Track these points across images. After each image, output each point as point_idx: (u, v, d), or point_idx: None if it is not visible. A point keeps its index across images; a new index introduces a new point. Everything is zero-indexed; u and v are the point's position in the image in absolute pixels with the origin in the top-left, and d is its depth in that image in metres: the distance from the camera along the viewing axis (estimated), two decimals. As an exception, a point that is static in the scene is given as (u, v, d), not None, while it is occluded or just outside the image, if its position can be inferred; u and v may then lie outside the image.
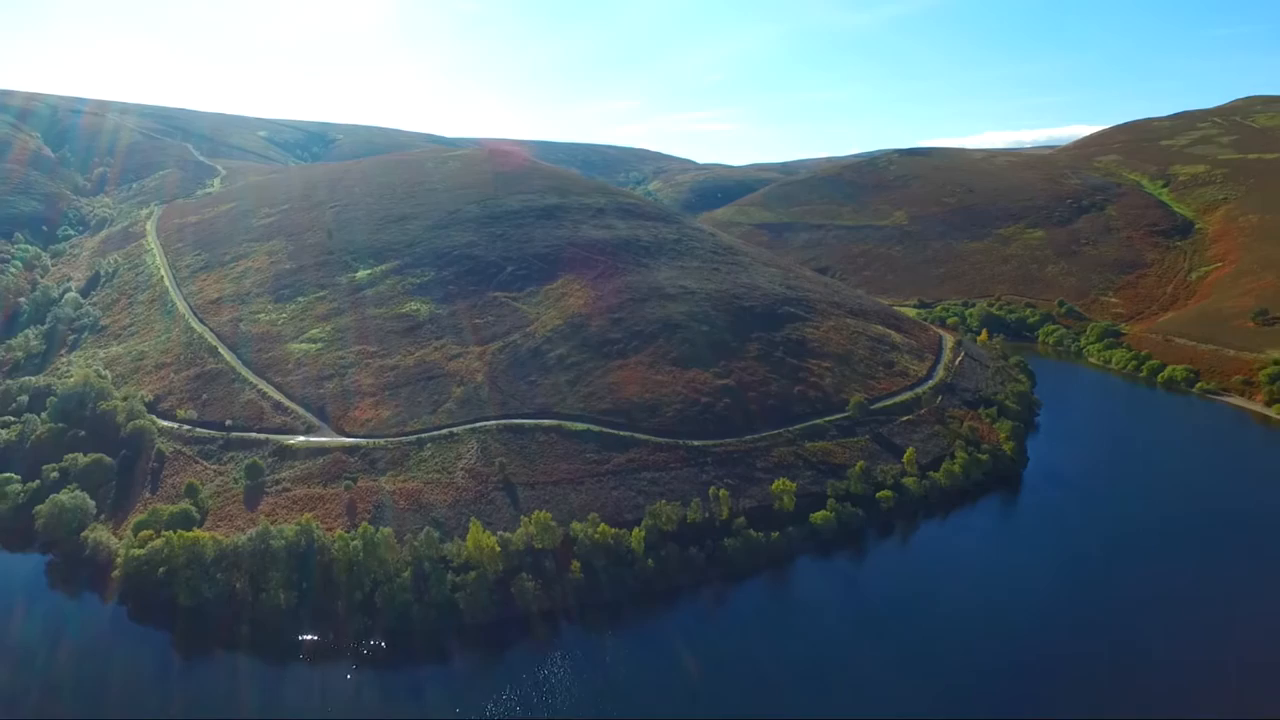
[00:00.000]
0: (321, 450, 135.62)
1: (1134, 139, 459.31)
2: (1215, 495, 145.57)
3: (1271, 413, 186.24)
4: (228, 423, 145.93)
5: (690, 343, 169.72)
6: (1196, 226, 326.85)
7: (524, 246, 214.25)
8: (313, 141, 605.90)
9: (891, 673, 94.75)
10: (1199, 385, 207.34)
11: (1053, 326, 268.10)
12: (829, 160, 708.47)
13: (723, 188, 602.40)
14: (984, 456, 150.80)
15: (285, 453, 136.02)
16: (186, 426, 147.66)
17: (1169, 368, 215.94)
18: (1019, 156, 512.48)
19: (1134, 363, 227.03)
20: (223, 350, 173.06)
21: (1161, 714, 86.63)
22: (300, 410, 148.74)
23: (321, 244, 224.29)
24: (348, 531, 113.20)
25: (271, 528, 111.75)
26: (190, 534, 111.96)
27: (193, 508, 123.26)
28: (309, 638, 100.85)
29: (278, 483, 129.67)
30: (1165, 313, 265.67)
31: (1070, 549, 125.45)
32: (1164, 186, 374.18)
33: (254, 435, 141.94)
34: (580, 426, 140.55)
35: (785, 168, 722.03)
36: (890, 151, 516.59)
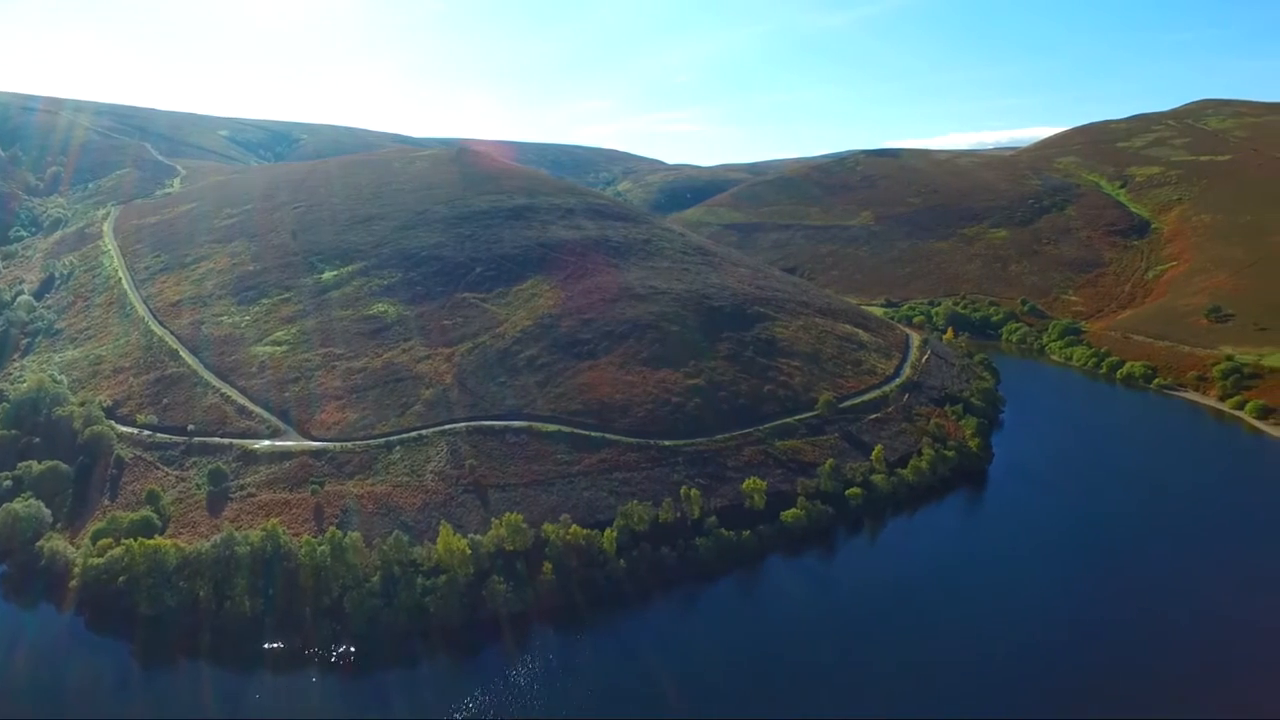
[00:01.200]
0: (287, 454, 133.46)
1: (1092, 141, 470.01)
2: (1173, 487, 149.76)
3: (1225, 407, 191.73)
4: (190, 428, 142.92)
5: (661, 343, 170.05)
6: (1153, 226, 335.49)
7: (493, 247, 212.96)
8: (276, 141, 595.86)
9: (862, 668, 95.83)
10: (1156, 381, 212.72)
11: (1016, 324, 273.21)
12: (797, 161, 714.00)
13: (692, 188, 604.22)
14: (950, 453, 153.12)
15: (250, 457, 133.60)
16: (147, 432, 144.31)
17: (1128, 364, 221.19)
18: (982, 157, 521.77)
19: (1094, 359, 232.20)
20: (184, 353, 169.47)
21: (1137, 704, 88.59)
22: (265, 414, 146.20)
23: (286, 245, 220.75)
24: (315, 537, 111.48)
25: (236, 534, 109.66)
26: (151, 542, 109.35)
27: (154, 515, 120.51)
28: (275, 645, 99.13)
29: (242, 488, 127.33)
30: (1124, 311, 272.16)
31: (1034, 541, 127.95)
32: (1121, 187, 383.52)
33: (217, 440, 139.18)
34: (551, 427, 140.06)
35: (754, 168, 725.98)
36: (857, 152, 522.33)
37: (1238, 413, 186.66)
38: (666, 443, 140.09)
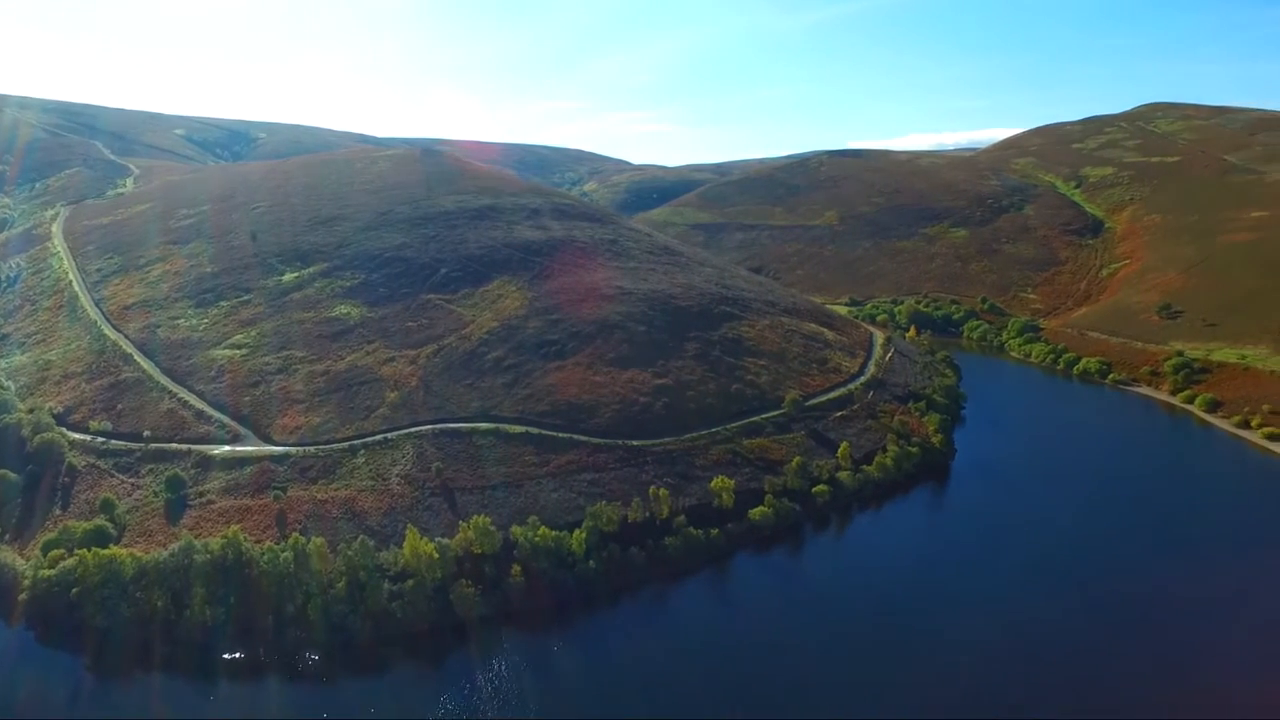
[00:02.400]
0: (248, 460, 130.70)
1: (1048, 142, 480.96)
2: (1128, 478, 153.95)
3: (1176, 401, 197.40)
4: (145, 434, 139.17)
5: (628, 343, 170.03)
6: (1106, 226, 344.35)
7: (458, 248, 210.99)
8: (234, 140, 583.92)
9: (829, 663, 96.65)
10: (1111, 376, 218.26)
11: (976, 322, 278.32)
12: (762, 161, 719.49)
13: (658, 188, 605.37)
14: (914, 449, 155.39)
15: (209, 463, 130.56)
16: (100, 439, 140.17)
17: (1083, 360, 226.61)
18: (942, 158, 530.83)
19: (1052, 356, 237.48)
20: (138, 358, 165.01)
21: (1096, 685, 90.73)
22: (225, 419, 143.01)
23: (245, 246, 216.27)
24: (277, 543, 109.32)
25: (195, 542, 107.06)
26: (106, 551, 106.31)
27: (108, 524, 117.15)
28: (235, 655, 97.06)
29: (201, 495, 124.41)
30: (1079, 308, 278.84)
31: (994, 535, 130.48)
32: (1076, 188, 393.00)
33: (175, 446, 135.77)
34: (518, 429, 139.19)
35: (719, 168, 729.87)
36: (821, 153, 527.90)
37: (1188, 406, 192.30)
38: (635, 443, 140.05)
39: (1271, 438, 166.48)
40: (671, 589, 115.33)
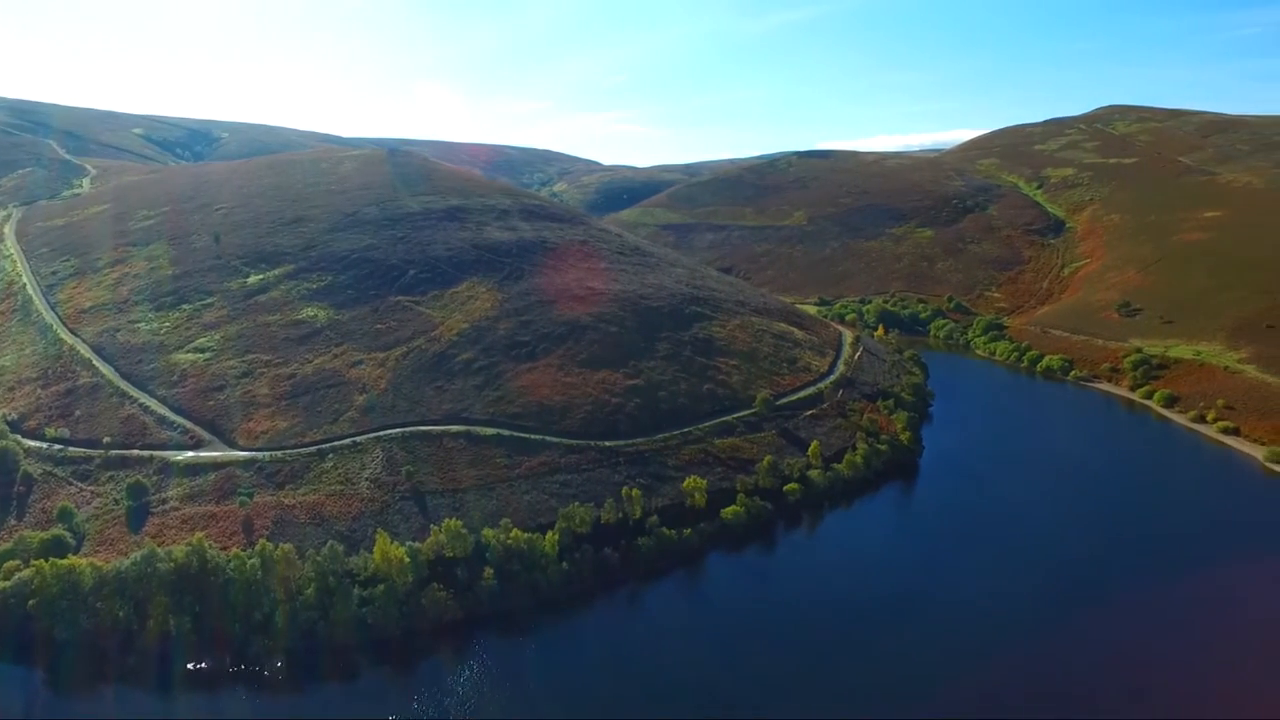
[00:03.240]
0: (213, 465, 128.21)
1: (1010, 143, 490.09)
2: (1089, 473, 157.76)
3: (1135, 396, 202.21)
4: (105, 440, 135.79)
5: (599, 344, 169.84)
6: (1067, 225, 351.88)
7: (426, 249, 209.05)
8: (195, 140, 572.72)
9: (801, 661, 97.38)
10: (1073, 373, 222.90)
11: (943, 321, 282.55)
12: (731, 162, 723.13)
13: (628, 189, 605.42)
14: (883, 447, 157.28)
15: (172, 470, 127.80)
16: (58, 446, 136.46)
17: (1046, 357, 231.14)
18: (908, 159, 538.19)
19: (1016, 353, 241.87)
20: (97, 363, 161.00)
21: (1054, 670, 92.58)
22: (188, 424, 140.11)
23: (208, 248, 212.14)
24: (244, 550, 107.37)
25: (158, 550, 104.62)
26: (65, 562, 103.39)
27: (67, 533, 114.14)
28: (201, 665, 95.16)
29: (164, 502, 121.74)
30: (1042, 306, 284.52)
31: (963, 529, 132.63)
32: (1038, 188, 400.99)
33: (136, 453, 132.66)
34: (490, 431, 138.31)
35: (689, 169, 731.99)
36: (789, 154, 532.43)
37: (1146, 402, 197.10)
38: (607, 444, 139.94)
39: (1226, 431, 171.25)
40: (645, 589, 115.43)
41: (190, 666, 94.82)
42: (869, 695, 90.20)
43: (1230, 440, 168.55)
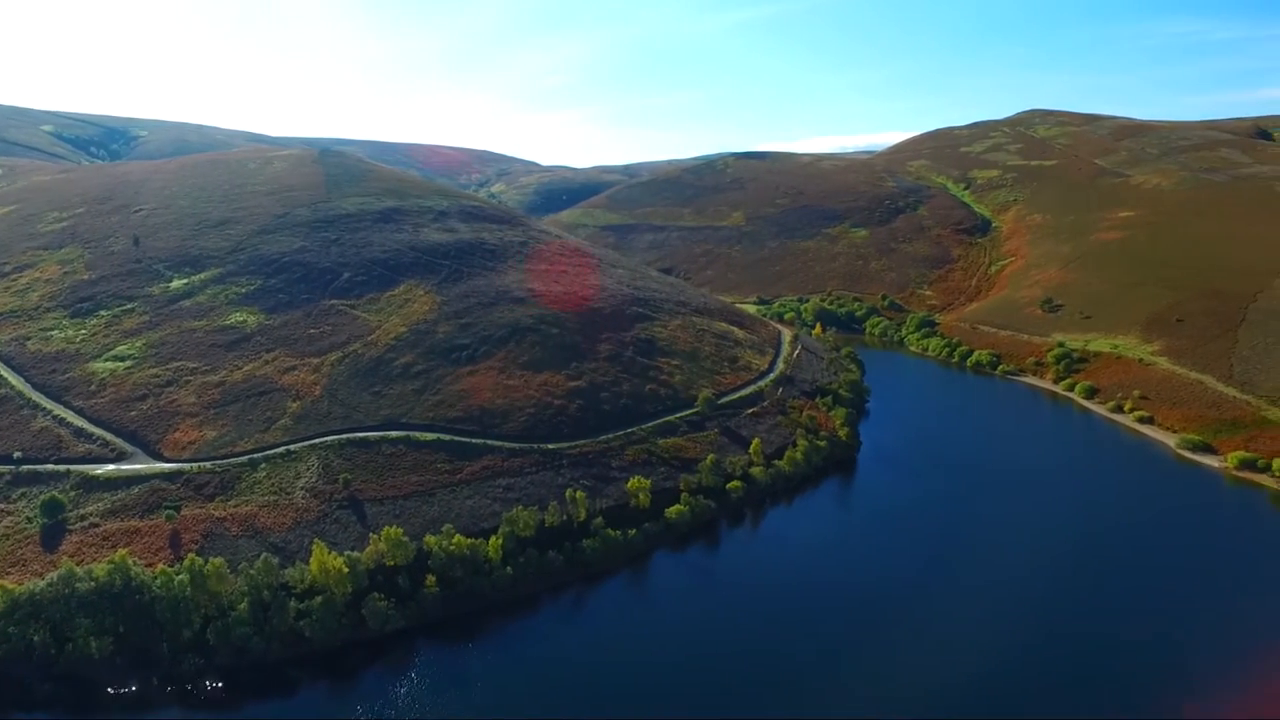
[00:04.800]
0: (136, 478, 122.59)
1: (939, 146, 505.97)
2: (1019, 463, 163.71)
3: (1058, 389, 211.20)
4: (16, 455, 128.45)
5: (541, 346, 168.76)
6: (993, 225, 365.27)
7: (361, 251, 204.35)
8: (112, 138, 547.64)
9: (745, 656, 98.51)
10: (1001, 368, 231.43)
11: (878, 319, 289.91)
12: (669, 163, 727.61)
13: (568, 189, 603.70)
14: (823, 443, 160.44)
15: (92, 484, 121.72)
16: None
17: (976, 353, 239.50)
18: (843, 161, 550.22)
19: (947, 349, 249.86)
20: (5, 372, 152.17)
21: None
22: (108, 436, 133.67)
23: (127, 251, 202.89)
24: (171, 566, 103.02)
25: (77, 569, 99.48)
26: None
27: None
28: (127, 689, 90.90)
29: (83, 518, 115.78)
30: (971, 303, 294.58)
31: (899, 520, 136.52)
32: (966, 189, 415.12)
33: (51, 467, 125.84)
34: (430, 436, 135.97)
35: (628, 170, 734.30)
36: (726, 155, 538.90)
37: (1069, 394, 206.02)
38: (550, 446, 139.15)
39: (1142, 420, 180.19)
40: (591, 591, 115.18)
41: (116, 690, 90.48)
42: (816, 684, 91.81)
43: (1146, 429, 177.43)
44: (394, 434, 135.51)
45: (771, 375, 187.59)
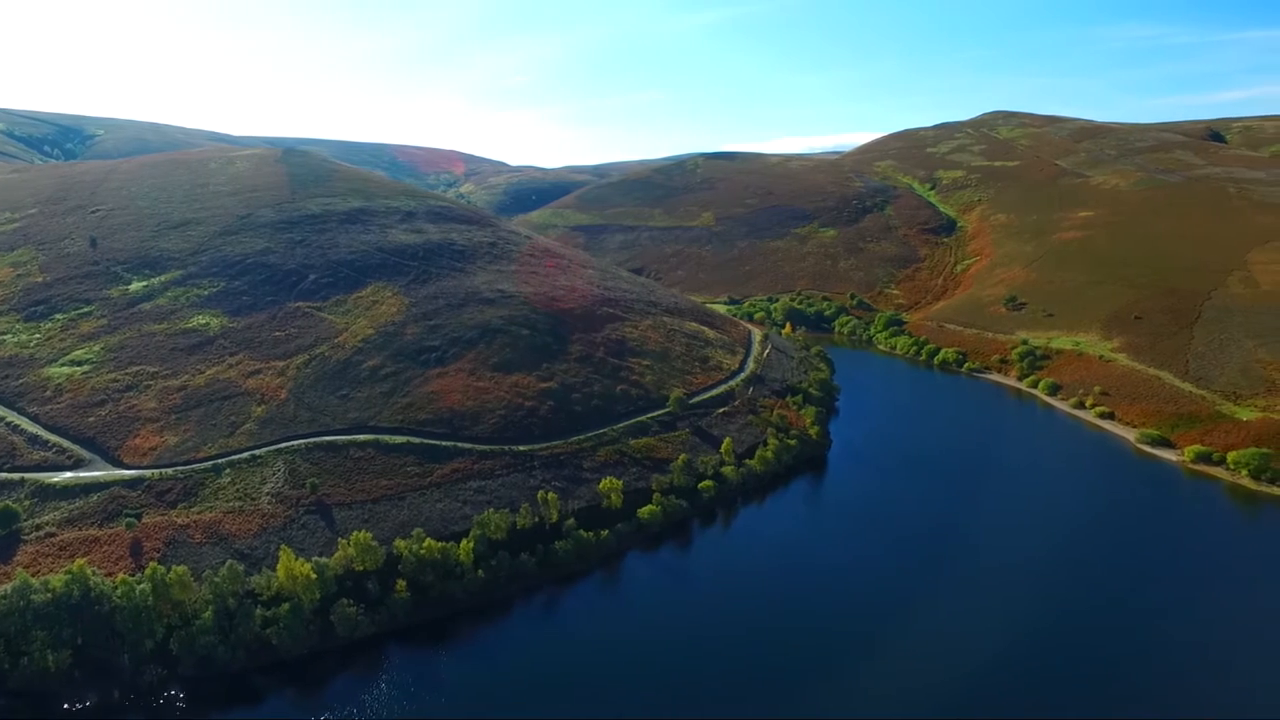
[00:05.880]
0: (95, 486, 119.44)
1: (905, 146, 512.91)
2: (985, 459, 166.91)
3: (1022, 386, 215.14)
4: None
5: (511, 347, 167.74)
6: (958, 225, 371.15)
7: (327, 253, 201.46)
8: (66, 137, 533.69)
9: (718, 656, 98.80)
10: (967, 365, 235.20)
11: (846, 318, 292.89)
12: (639, 163, 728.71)
13: (537, 190, 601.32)
14: (793, 441, 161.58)
15: (47, 493, 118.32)
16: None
17: (943, 351, 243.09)
18: (811, 161, 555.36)
19: (914, 348, 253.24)
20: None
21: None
22: (65, 443, 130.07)
23: (83, 253, 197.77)
24: (132, 575, 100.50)
25: (32, 581, 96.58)
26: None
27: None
28: (86, 703, 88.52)
29: (39, 528, 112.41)
30: (938, 302, 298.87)
31: (869, 517, 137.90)
32: (931, 189, 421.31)
33: (4, 475, 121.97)
34: (399, 439, 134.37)
35: (597, 170, 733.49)
36: (696, 155, 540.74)
37: (1033, 391, 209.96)
38: (521, 448, 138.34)
39: (1103, 416, 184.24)
40: (564, 593, 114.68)
41: (71, 706, 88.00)
42: (787, 681, 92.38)
43: (1106, 424, 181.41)
44: (362, 437, 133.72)
45: (742, 375, 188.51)
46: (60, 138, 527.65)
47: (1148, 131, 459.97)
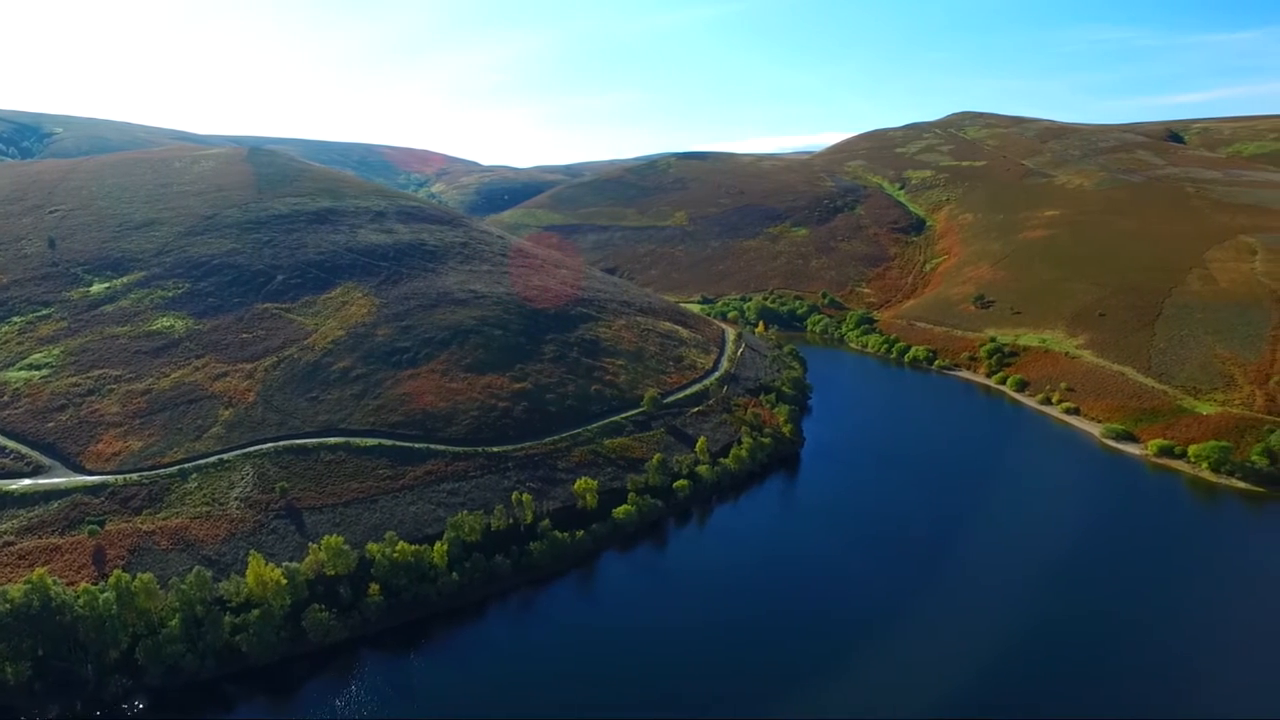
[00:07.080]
0: (56, 493, 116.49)
1: (875, 146, 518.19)
2: (955, 454, 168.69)
3: (991, 382, 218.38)
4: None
5: (484, 348, 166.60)
6: (927, 224, 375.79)
7: (296, 253, 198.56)
8: (23, 135, 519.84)
9: (694, 653, 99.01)
10: (937, 362, 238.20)
11: (818, 316, 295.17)
12: (612, 163, 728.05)
13: (509, 189, 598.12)
14: (767, 440, 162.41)
15: (5, 500, 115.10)
16: None
17: (913, 349, 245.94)
18: (782, 161, 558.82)
19: (885, 345, 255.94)
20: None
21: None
22: (23, 449, 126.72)
23: (41, 254, 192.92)
24: (95, 584, 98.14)
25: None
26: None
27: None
28: (49, 715, 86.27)
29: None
30: (908, 300, 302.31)
31: (840, 514, 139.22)
32: (901, 189, 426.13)
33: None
34: (371, 442, 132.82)
35: (569, 170, 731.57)
36: (668, 155, 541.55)
37: (1001, 387, 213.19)
38: (495, 449, 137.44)
39: (1069, 411, 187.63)
40: (539, 594, 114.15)
41: (41, 717, 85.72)
42: (763, 677, 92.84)
43: (1072, 420, 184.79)
44: (333, 440, 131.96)
45: (716, 374, 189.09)
46: (16, 136, 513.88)
47: (1110, 132, 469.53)
